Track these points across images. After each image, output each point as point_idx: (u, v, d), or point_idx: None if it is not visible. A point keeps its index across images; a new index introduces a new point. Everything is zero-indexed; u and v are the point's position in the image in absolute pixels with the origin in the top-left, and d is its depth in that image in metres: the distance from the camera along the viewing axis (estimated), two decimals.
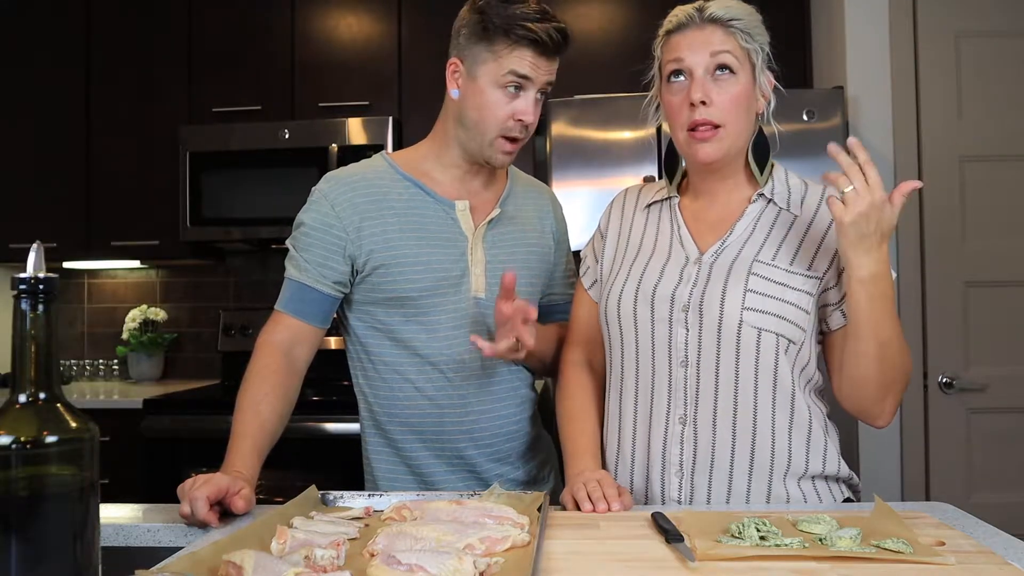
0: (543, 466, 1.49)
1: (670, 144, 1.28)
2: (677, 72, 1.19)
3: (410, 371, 1.36)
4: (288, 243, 1.39)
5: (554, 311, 1.51)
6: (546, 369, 1.49)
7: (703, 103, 1.15)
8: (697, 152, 1.18)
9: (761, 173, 1.23)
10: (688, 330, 1.18)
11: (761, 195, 1.23)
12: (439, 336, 1.35)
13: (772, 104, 1.23)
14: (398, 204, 1.36)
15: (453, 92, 1.34)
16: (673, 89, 1.20)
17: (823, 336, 1.24)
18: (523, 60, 1.26)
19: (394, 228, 1.34)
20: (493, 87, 1.28)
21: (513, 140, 1.32)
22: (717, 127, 1.16)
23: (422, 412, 1.37)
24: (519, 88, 1.28)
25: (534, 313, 1.23)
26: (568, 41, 1.30)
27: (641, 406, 1.22)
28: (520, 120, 1.29)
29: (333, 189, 1.36)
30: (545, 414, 1.54)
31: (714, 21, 1.17)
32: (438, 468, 1.39)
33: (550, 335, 1.43)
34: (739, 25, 1.17)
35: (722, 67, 1.16)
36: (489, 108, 1.29)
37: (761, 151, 1.23)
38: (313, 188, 1.39)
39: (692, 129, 1.17)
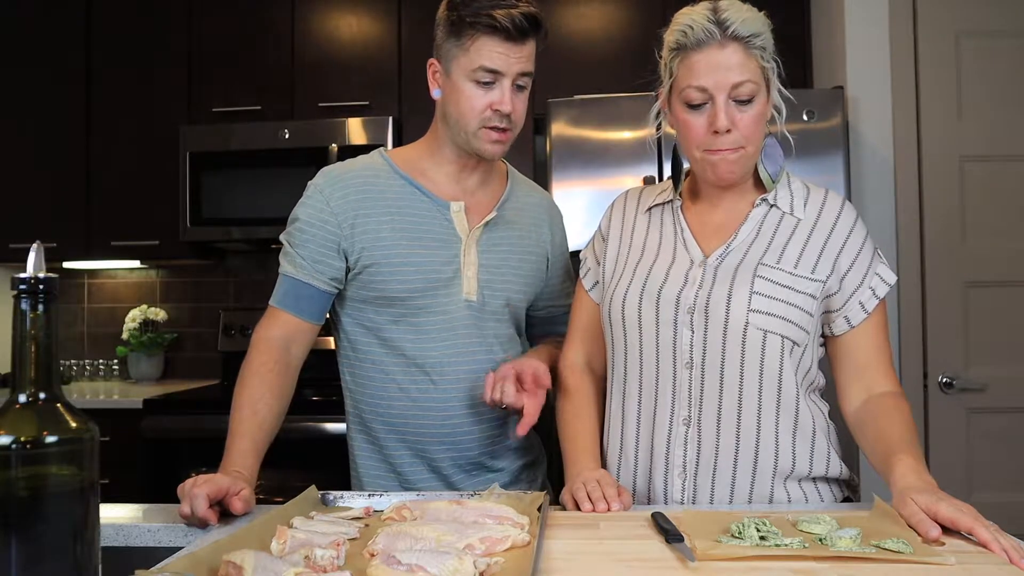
0: (527, 469, 1.47)
1: (675, 148, 1.27)
2: (699, 99, 1.14)
3: (396, 371, 1.36)
4: (282, 238, 1.38)
5: (556, 321, 1.50)
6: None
7: (728, 131, 1.14)
8: (716, 173, 1.17)
9: (774, 180, 1.22)
10: (693, 332, 1.17)
11: (764, 199, 1.23)
12: (427, 338, 1.35)
13: (784, 114, 1.21)
14: (392, 202, 1.35)
15: (435, 92, 1.34)
16: (693, 112, 1.16)
17: (825, 339, 1.24)
18: (491, 51, 1.24)
19: (386, 227, 1.33)
20: (466, 82, 1.27)
21: (498, 130, 1.29)
22: (736, 149, 1.15)
23: (406, 413, 1.36)
24: (492, 81, 1.27)
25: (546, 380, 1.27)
26: (538, 25, 1.26)
27: (644, 408, 1.22)
28: (498, 110, 1.27)
29: (328, 184, 1.35)
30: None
31: (736, 39, 1.12)
32: (418, 469, 1.38)
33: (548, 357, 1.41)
34: (758, 42, 1.13)
35: (745, 99, 1.14)
36: (466, 103, 1.28)
37: (771, 158, 1.23)
38: (308, 183, 1.38)
39: (711, 150, 1.16)
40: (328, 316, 1.41)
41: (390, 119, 2.91)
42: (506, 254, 1.40)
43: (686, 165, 1.27)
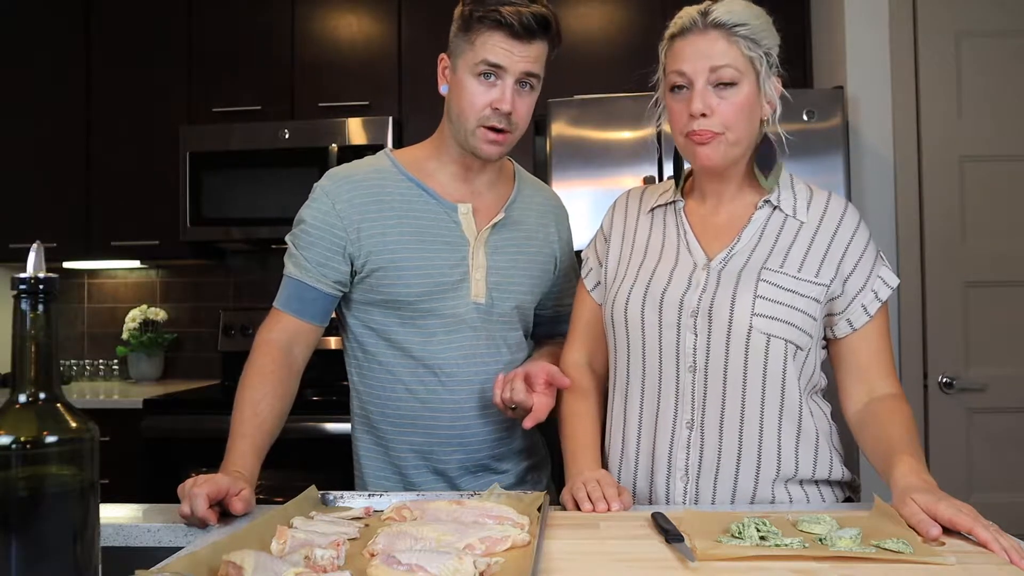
0: (532, 471, 1.47)
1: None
2: (679, 82, 1.17)
3: (404, 373, 1.36)
4: (287, 239, 1.38)
5: (562, 321, 1.49)
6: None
7: (703, 115, 1.14)
8: (695, 155, 1.18)
9: (766, 178, 1.22)
10: (696, 335, 1.17)
11: (767, 202, 1.23)
12: (435, 340, 1.34)
13: (779, 110, 1.21)
14: (399, 205, 1.35)
15: (442, 88, 1.34)
16: (675, 97, 1.19)
17: (827, 341, 1.24)
18: (495, 47, 1.24)
19: (393, 230, 1.33)
20: (470, 77, 1.27)
21: (497, 131, 1.29)
22: (716, 133, 1.15)
23: (414, 414, 1.36)
24: (494, 77, 1.26)
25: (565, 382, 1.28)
26: (547, 25, 1.26)
27: (647, 410, 1.22)
28: (497, 109, 1.27)
29: (335, 186, 1.35)
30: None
31: (717, 27, 1.14)
32: (422, 471, 1.38)
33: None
34: (743, 32, 1.14)
35: (723, 83, 1.15)
36: (467, 98, 1.28)
37: (765, 157, 1.22)
38: (315, 184, 1.38)
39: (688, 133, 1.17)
40: (334, 316, 1.40)
41: (390, 119, 2.91)
42: (514, 256, 1.40)
43: (687, 165, 1.27)
